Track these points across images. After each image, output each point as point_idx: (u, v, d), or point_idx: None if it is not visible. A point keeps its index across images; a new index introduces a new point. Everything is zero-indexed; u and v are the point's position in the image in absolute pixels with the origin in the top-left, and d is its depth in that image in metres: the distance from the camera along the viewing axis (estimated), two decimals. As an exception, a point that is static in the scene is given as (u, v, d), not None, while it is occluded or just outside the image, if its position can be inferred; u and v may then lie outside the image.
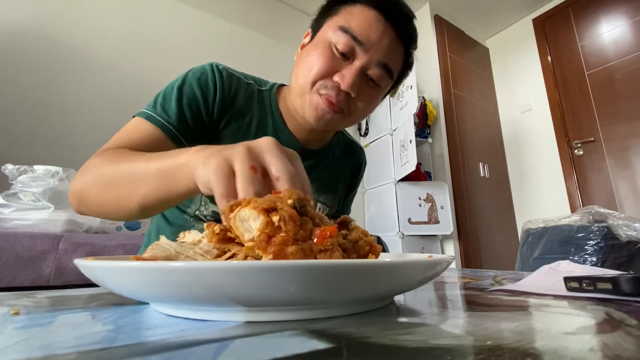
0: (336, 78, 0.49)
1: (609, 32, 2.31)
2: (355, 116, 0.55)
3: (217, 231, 0.23)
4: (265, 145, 0.28)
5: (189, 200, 0.55)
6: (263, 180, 0.26)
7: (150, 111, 0.49)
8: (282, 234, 0.20)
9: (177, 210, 0.57)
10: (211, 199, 0.54)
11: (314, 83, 0.50)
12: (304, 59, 0.52)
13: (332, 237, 0.20)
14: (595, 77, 2.33)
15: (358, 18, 0.50)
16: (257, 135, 0.56)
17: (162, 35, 1.98)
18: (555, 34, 2.61)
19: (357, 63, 0.50)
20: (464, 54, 2.83)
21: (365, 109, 0.55)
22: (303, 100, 0.52)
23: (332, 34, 0.50)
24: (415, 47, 0.56)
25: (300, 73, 0.52)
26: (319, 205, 0.65)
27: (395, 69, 0.54)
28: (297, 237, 0.20)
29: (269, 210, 0.20)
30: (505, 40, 3.03)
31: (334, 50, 0.50)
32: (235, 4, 2.35)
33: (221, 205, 0.25)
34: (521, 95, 2.82)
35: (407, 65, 0.58)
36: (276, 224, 0.20)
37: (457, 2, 2.69)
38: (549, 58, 2.62)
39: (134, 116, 0.50)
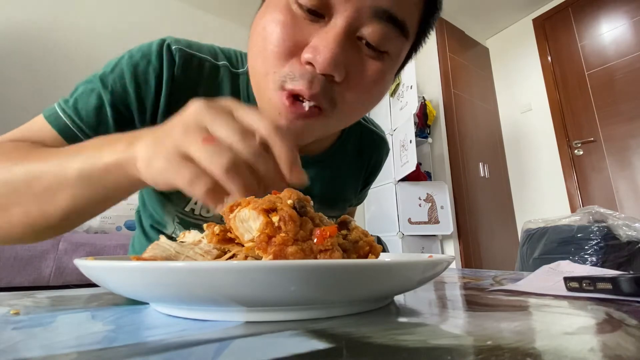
0: (306, 55, 0.29)
1: (609, 32, 2.31)
2: (349, 111, 0.35)
3: (217, 232, 0.23)
4: (195, 112, 0.24)
5: (163, 221, 0.46)
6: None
7: (60, 108, 0.36)
8: (282, 234, 0.20)
9: (155, 230, 0.48)
10: (184, 224, 0.44)
11: (273, 72, 0.31)
12: (253, 33, 0.34)
13: (332, 237, 0.20)
14: (595, 77, 2.33)
15: None
16: None
17: (162, 35, 1.98)
18: (555, 34, 2.61)
19: (338, 21, 0.30)
20: (464, 54, 2.83)
21: (366, 96, 0.34)
22: (261, 102, 0.35)
23: None
24: None
25: (250, 58, 0.34)
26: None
27: (407, 15, 0.32)
28: (297, 238, 0.20)
29: (268, 211, 0.21)
30: (505, 40, 3.03)
31: (295, 8, 0.31)
32: (235, 3, 2.35)
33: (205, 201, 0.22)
34: (521, 95, 2.82)
35: (429, 12, 0.35)
36: (276, 224, 0.20)
37: (457, 2, 2.69)
38: (549, 58, 2.62)
39: (43, 111, 0.37)
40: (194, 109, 0.24)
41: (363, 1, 0.29)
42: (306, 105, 0.31)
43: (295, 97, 0.31)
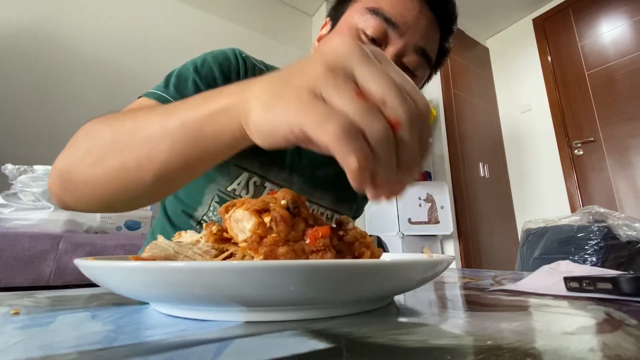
0: None
1: (609, 32, 2.31)
2: None
3: (215, 231, 0.23)
4: (344, 52, 0.19)
5: (197, 203, 0.49)
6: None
7: (161, 92, 0.40)
8: (274, 235, 0.20)
9: (183, 215, 0.51)
10: (222, 203, 0.45)
11: None
12: None
13: (324, 238, 0.20)
14: (595, 77, 2.33)
15: None
16: None
17: (163, 35, 1.98)
18: (555, 34, 2.61)
19: (392, 49, 0.42)
20: (464, 54, 2.83)
21: None
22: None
23: (359, 18, 0.43)
24: (453, 29, 0.48)
25: None
26: (335, 215, 0.57)
27: (433, 54, 0.46)
28: (288, 238, 0.20)
29: (261, 212, 0.21)
30: (505, 40, 3.03)
31: (363, 37, 0.43)
32: (234, 3, 2.35)
33: (355, 176, 0.17)
34: (521, 95, 2.82)
35: (443, 52, 0.50)
36: (268, 224, 0.20)
37: (457, 2, 2.69)
38: (549, 58, 2.62)
39: (139, 97, 0.41)
40: (343, 46, 0.19)
41: (409, 39, 0.42)
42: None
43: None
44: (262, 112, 0.20)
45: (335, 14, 0.48)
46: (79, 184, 0.31)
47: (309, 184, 0.52)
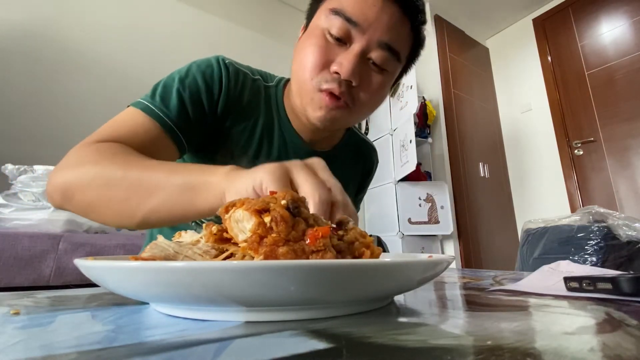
0: (334, 67, 0.44)
1: (609, 32, 2.31)
2: (361, 108, 0.49)
3: (215, 231, 0.23)
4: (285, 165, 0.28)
5: None
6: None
7: (148, 102, 0.44)
8: (274, 235, 0.19)
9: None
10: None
11: (311, 78, 0.45)
12: (298, 53, 0.48)
13: (325, 238, 0.20)
14: (595, 77, 2.33)
15: None
16: (262, 138, 0.53)
17: (162, 35, 1.98)
18: (555, 34, 2.61)
19: (356, 46, 0.44)
20: (464, 54, 2.83)
21: (372, 99, 0.49)
22: (304, 100, 0.47)
23: (325, 19, 0.45)
24: (423, 20, 0.49)
25: (295, 70, 0.48)
26: None
27: (401, 48, 0.47)
28: (288, 238, 0.20)
29: (261, 211, 0.21)
30: (505, 40, 3.03)
31: (328, 37, 0.45)
32: (234, 3, 2.35)
33: (318, 208, 0.26)
34: (521, 95, 2.82)
35: (417, 43, 0.51)
36: (268, 224, 0.20)
37: (457, 2, 2.69)
38: (549, 58, 2.62)
39: (128, 106, 0.45)
40: (282, 164, 0.28)
41: (372, 35, 0.44)
42: (341, 101, 0.46)
43: (331, 94, 0.45)
44: (238, 181, 0.29)
45: (309, 16, 0.52)
46: (81, 202, 0.37)
47: None
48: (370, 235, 0.25)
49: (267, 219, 0.20)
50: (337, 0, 0.45)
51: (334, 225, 0.24)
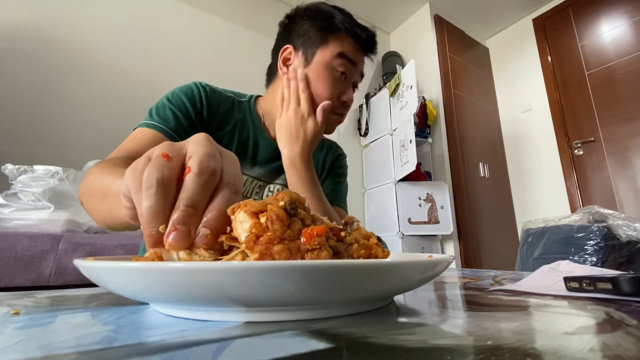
0: (344, 98, 0.64)
1: (609, 32, 2.31)
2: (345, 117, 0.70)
3: (228, 231, 0.23)
4: (192, 139, 0.26)
5: None
6: (176, 163, 0.24)
7: (148, 120, 0.55)
8: (269, 233, 0.20)
9: None
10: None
11: (327, 102, 0.61)
12: (317, 84, 0.62)
13: (320, 237, 0.20)
14: (595, 77, 2.33)
15: (346, 43, 0.63)
16: (241, 138, 0.65)
17: (162, 36, 1.98)
18: (555, 34, 2.61)
19: (351, 80, 0.65)
20: (464, 54, 2.83)
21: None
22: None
23: (333, 59, 0.62)
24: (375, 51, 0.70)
25: (318, 94, 0.62)
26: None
27: (359, 80, 0.69)
28: (284, 237, 0.20)
29: (259, 213, 0.21)
30: (505, 40, 3.03)
31: (335, 72, 0.63)
32: (234, 3, 2.35)
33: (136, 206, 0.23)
34: (521, 95, 2.82)
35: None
36: (264, 224, 0.20)
37: (457, 2, 2.69)
38: (549, 58, 2.62)
39: (134, 128, 0.56)
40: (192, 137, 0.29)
41: (359, 69, 0.67)
42: (344, 118, 0.69)
43: (340, 115, 0.67)
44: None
45: (304, 50, 0.64)
46: (86, 208, 0.46)
47: (267, 171, 0.69)
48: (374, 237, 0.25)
49: (262, 219, 0.20)
50: (340, 46, 0.62)
51: (339, 226, 0.24)
